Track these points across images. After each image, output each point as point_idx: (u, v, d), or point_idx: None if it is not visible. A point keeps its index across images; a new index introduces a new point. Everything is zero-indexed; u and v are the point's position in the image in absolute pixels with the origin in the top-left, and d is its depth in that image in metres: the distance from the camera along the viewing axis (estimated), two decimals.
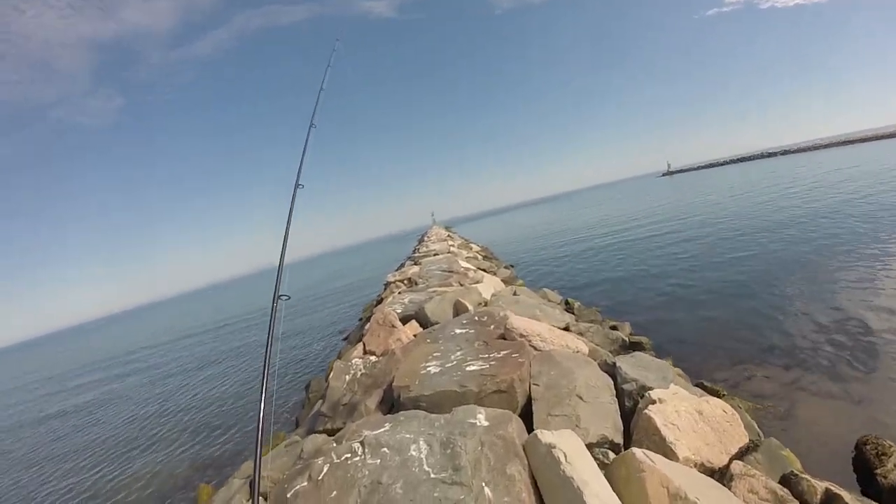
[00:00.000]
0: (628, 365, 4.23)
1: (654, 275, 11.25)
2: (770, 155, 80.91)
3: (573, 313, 8.51)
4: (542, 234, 30.46)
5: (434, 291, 8.66)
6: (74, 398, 16.44)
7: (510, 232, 41.66)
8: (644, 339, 6.36)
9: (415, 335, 6.17)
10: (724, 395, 4.50)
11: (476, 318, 5.79)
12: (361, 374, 4.88)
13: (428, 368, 4.29)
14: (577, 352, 4.71)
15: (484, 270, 15.26)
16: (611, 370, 4.25)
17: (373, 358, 5.51)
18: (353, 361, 5.33)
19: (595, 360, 4.52)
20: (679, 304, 8.50)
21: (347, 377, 4.92)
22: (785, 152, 78.28)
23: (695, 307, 8.17)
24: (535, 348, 4.56)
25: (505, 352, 4.27)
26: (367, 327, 6.87)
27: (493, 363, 4.07)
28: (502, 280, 13.37)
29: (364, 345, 6.12)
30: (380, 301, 12.81)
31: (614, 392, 3.84)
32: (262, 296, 40.36)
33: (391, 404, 4.18)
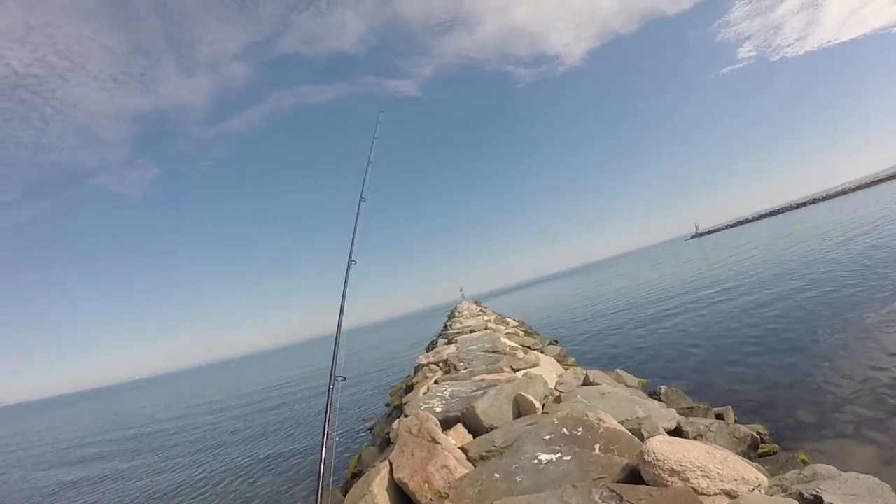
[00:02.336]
0: (839, 499, 2.24)
1: (714, 341, 10.32)
2: (799, 206, 79.11)
3: (661, 400, 6.45)
4: (576, 306, 28.58)
5: (482, 380, 6.67)
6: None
7: (543, 305, 39.49)
8: (762, 429, 4.96)
9: (466, 452, 4.15)
10: None
11: (563, 428, 3.80)
12: None
13: None
14: (757, 487, 2.66)
15: (529, 348, 13.14)
16: None
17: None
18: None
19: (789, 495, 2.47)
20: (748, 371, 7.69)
21: None
22: (813, 201, 76.70)
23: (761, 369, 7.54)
24: (699, 492, 2.52)
25: None
26: (395, 431, 4.89)
27: None
28: (555, 359, 11.23)
29: (391, 465, 4.11)
30: (410, 388, 10.72)
31: None
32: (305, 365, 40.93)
33: None
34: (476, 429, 5.00)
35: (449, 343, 14.64)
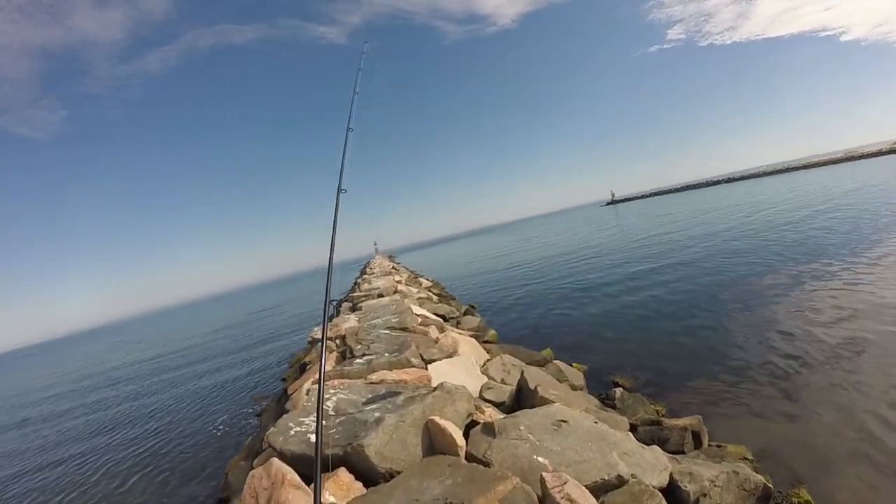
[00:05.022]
0: None
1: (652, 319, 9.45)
2: (714, 183, 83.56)
3: (616, 407, 5.21)
4: (493, 266, 27.44)
5: (380, 382, 4.89)
6: None
7: (459, 263, 38.41)
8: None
9: None
10: None
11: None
12: None
13: None
14: None
15: (442, 317, 11.57)
16: None
17: None
18: None
19: None
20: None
21: None
22: (729, 180, 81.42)
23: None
24: None
25: None
26: (247, 486, 3.01)
27: None
28: (471, 334, 9.76)
29: None
30: (303, 367, 8.72)
31: None
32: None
33: None
34: (367, 474, 3.25)
35: (353, 310, 12.70)
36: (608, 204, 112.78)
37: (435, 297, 16.37)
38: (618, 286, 12.94)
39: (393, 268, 32.15)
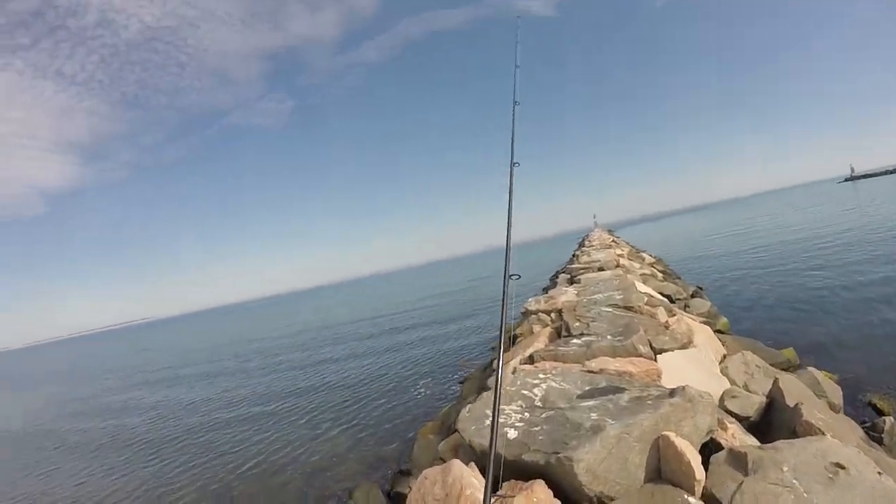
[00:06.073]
0: None
1: None
2: None
3: (882, 443, 4.10)
4: (722, 246, 24.05)
5: (601, 371, 4.09)
6: None
7: (681, 241, 34.45)
8: None
9: None
10: None
11: None
12: None
13: None
14: None
15: (668, 297, 9.88)
16: None
17: None
18: None
19: None
20: None
21: None
22: None
23: None
24: None
25: None
26: (416, 489, 2.64)
27: None
28: (702, 320, 8.13)
29: None
30: (514, 339, 8.35)
31: None
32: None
33: None
34: (570, 494, 2.54)
35: (571, 282, 11.86)
36: (846, 180, 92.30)
37: (659, 275, 14.51)
38: (868, 283, 10.69)
39: (613, 241, 29.97)
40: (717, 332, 7.72)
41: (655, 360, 4.68)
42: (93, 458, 10.35)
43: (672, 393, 3.17)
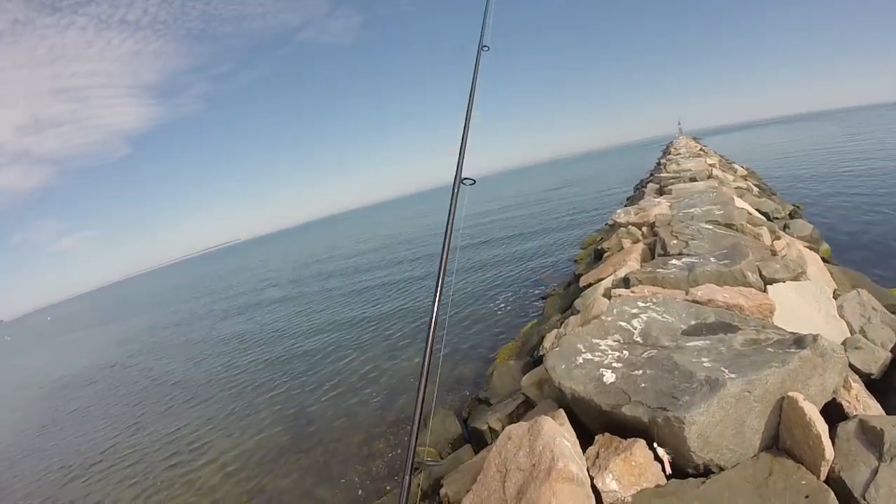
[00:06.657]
0: None
1: None
2: None
3: None
4: (815, 163, 21.50)
5: (709, 302, 3.63)
6: None
7: (772, 153, 30.65)
8: None
9: None
10: None
11: None
12: None
13: None
14: None
15: (765, 215, 8.79)
16: None
17: None
18: None
19: None
20: None
21: None
22: None
23: None
24: None
25: None
26: (496, 450, 2.43)
27: None
28: (806, 245, 7.10)
29: None
30: (600, 255, 7.74)
31: None
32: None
33: None
34: (675, 459, 2.22)
35: (661, 193, 10.90)
36: None
37: (755, 189, 12.99)
38: None
39: (701, 150, 27.32)
40: (823, 261, 6.74)
41: (766, 291, 4.09)
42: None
43: (799, 342, 2.61)
